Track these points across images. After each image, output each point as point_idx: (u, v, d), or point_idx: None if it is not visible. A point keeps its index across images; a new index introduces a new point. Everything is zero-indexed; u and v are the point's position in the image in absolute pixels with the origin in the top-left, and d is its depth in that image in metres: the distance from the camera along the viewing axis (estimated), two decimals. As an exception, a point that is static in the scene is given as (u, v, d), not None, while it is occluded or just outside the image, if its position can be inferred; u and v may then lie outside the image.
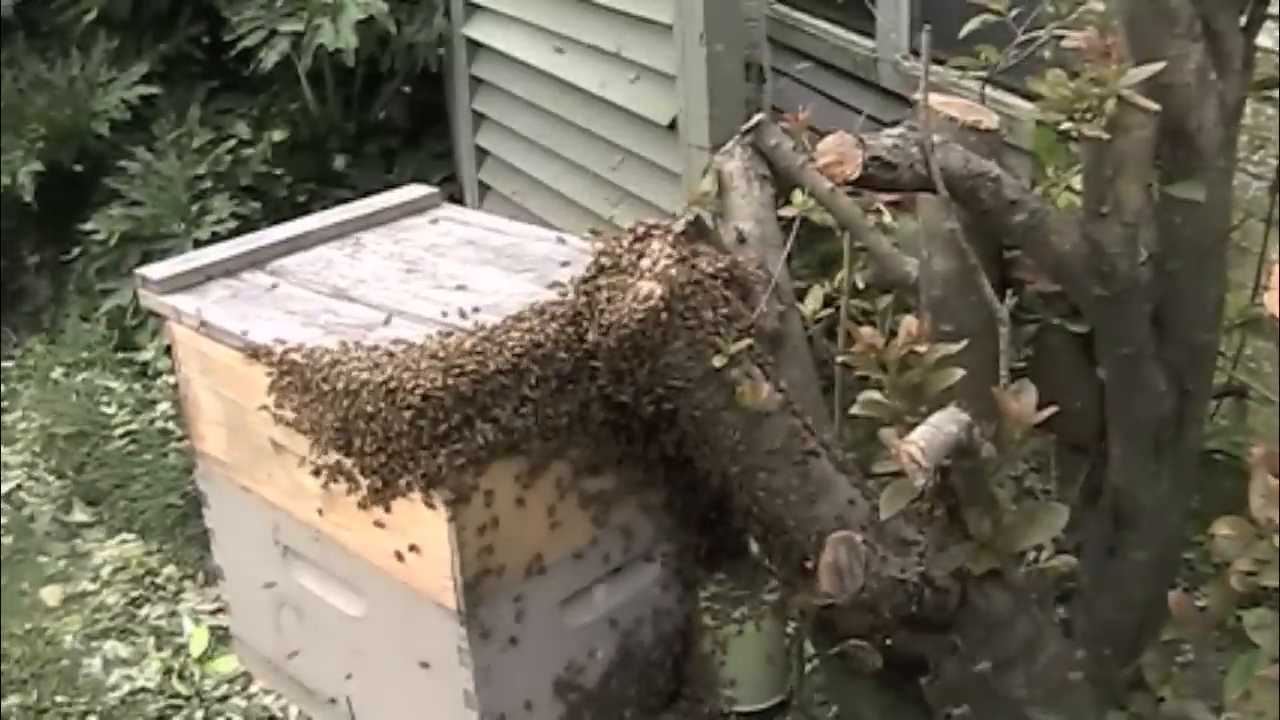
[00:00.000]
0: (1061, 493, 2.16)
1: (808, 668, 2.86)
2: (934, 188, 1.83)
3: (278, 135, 4.92)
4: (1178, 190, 1.89)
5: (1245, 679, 1.72)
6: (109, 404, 4.69)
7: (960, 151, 1.85)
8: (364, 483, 1.94)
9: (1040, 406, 1.81)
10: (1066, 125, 1.80)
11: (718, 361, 1.82)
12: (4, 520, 4.34)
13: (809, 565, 1.92)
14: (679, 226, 1.89)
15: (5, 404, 5.11)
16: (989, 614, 1.92)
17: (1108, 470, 2.07)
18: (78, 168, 5.21)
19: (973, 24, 2.23)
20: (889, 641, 2.10)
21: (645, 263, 1.82)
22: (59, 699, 3.57)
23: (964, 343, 1.85)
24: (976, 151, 1.89)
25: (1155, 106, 1.77)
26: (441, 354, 1.84)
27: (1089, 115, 1.76)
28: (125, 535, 4.21)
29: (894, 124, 1.93)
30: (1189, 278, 1.96)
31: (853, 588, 1.78)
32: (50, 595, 4.00)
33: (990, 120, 2.01)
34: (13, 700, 3.58)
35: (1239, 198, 2.30)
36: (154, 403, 4.62)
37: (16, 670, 3.69)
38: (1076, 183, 2.07)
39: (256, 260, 2.32)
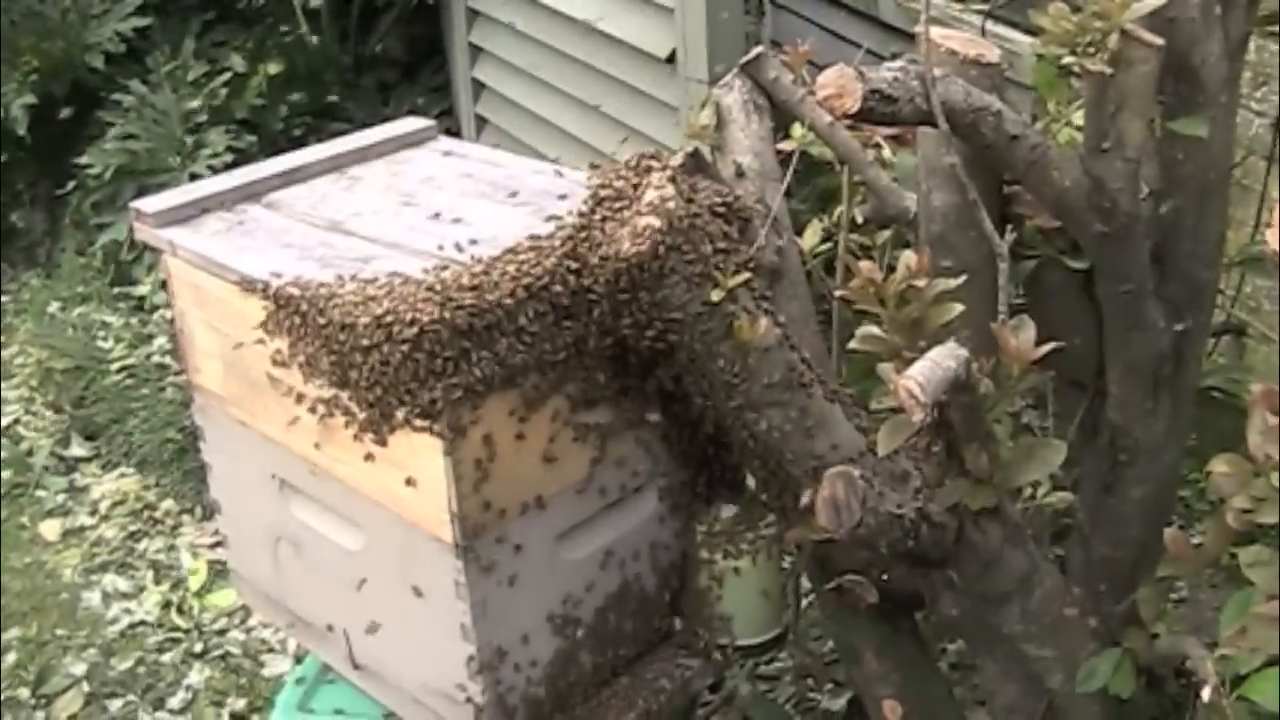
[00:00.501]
0: (1059, 429, 2.16)
1: (804, 603, 2.88)
2: (934, 122, 1.82)
3: (273, 68, 4.90)
4: (1180, 126, 1.88)
5: (1240, 615, 1.73)
6: (105, 339, 4.70)
7: (961, 85, 1.84)
8: (360, 416, 1.94)
9: (1039, 343, 1.81)
10: (1069, 60, 1.79)
11: (715, 295, 1.82)
12: (2, 455, 4.35)
13: (806, 500, 1.92)
14: (677, 160, 1.88)
15: (2, 339, 5.12)
16: (985, 549, 1.93)
17: (1105, 407, 2.07)
18: (71, 101, 5.19)
19: (975, -44, 2.21)
20: (885, 577, 2.11)
21: (643, 196, 1.81)
22: (59, 632, 3.60)
23: (963, 278, 1.84)
24: (978, 86, 1.88)
25: (1159, 41, 1.76)
26: (438, 287, 1.83)
27: (1091, 50, 1.75)
28: (123, 470, 4.23)
29: (894, 58, 1.91)
30: (1190, 214, 1.96)
31: (850, 523, 1.79)
32: (49, 529, 4.03)
33: (992, 54, 1.99)
34: (13, 633, 3.60)
35: (1241, 135, 2.29)
36: (150, 337, 4.63)
37: (16, 604, 3.72)
38: (1078, 118, 2.06)
39: (252, 193, 2.30)
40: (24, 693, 3.40)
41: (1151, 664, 1.98)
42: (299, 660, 2.93)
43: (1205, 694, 1.73)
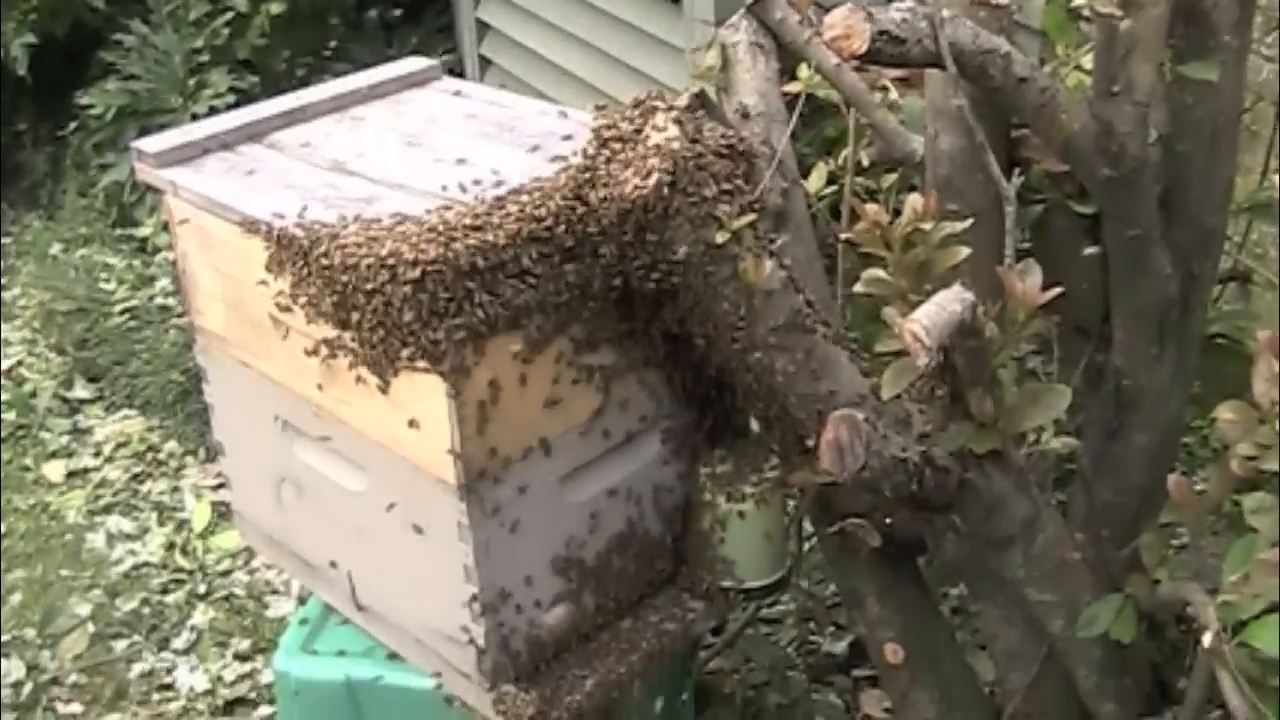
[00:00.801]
0: (1063, 375, 2.15)
1: (806, 546, 2.89)
2: (942, 64, 1.80)
3: (275, 8, 4.85)
4: (1191, 70, 1.87)
5: (1243, 562, 1.73)
6: (108, 280, 4.69)
7: (970, 27, 1.82)
8: (363, 358, 1.93)
9: (1045, 288, 1.80)
10: (1079, 2, 1.77)
11: (720, 237, 1.81)
12: (6, 396, 4.35)
13: (810, 443, 1.92)
14: (682, 101, 1.86)
15: (4, 280, 5.11)
16: (988, 494, 1.93)
17: (1110, 353, 2.06)
18: (72, 41, 5.16)
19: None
20: (888, 521, 2.11)
21: (648, 137, 1.80)
22: (63, 573, 3.61)
23: (969, 222, 1.83)
24: (986, 28, 1.86)
25: (1170, -17, 1.74)
26: (441, 228, 1.82)
27: (1102, -8, 1.73)
28: (126, 411, 4.23)
29: (902, -2, 1.89)
30: (1199, 160, 1.94)
31: (853, 466, 1.78)
32: (53, 471, 4.03)
33: (1001, -5, 1.97)
34: (18, 574, 3.62)
35: (1250, 80, 2.27)
36: (153, 279, 4.62)
37: (21, 545, 3.73)
38: (1086, 62, 2.04)
39: (254, 133, 2.29)
40: (30, 633, 3.41)
41: (1153, 610, 1.98)
42: (303, 602, 2.94)
43: (1206, 640, 1.73)
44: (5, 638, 3.40)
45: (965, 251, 1.78)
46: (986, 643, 2.23)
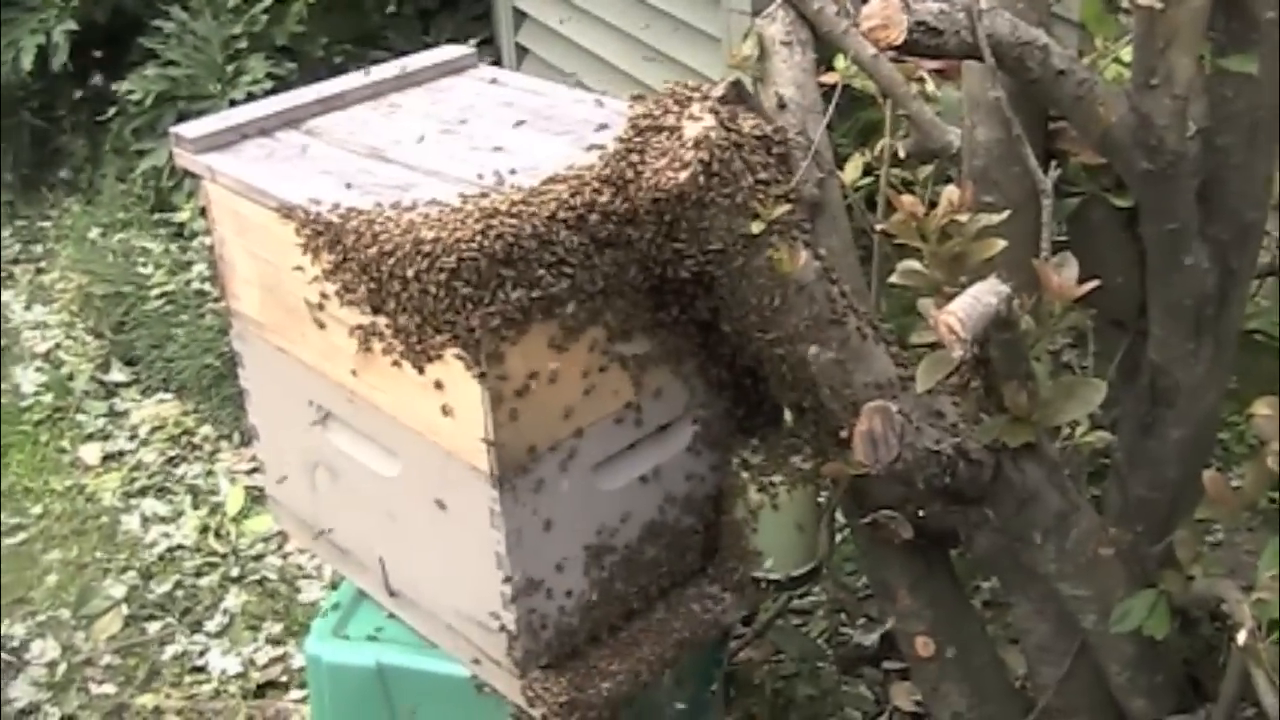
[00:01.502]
0: (1099, 369, 2.14)
1: (838, 537, 2.88)
2: (980, 55, 1.79)
3: (313, -5, 4.87)
4: (1231, 63, 1.85)
5: (1278, 559, 1.72)
6: (145, 264, 4.72)
7: (1008, 18, 1.81)
8: (398, 344, 1.94)
9: (1081, 281, 1.79)
10: (1119, -7, 1.76)
11: (756, 227, 1.81)
12: (44, 379, 4.39)
13: (843, 434, 1.92)
14: (719, 90, 1.86)
15: (43, 264, 5.15)
16: (1022, 488, 1.92)
17: (1146, 347, 2.05)
18: (112, 27, 5.19)
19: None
20: (921, 513, 2.10)
21: (685, 126, 1.80)
22: (99, 554, 3.64)
23: (1006, 213, 1.83)
24: (1024, 19, 1.85)
25: (1210, -25, 1.73)
26: (477, 215, 1.82)
27: (1142, -17, 1.72)
28: (162, 395, 4.27)
29: (940, -11, 1.89)
30: (1239, 153, 1.93)
31: (887, 458, 1.78)
32: (89, 453, 4.07)
33: (1040, -14, 1.96)
34: (54, 555, 3.65)
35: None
36: (190, 264, 4.65)
37: (57, 526, 3.76)
38: (1124, 54, 2.03)
39: (292, 119, 2.30)
40: (65, 614, 3.44)
41: (1187, 606, 1.97)
42: (334, 586, 2.95)
43: (1240, 637, 1.72)
44: (40, 618, 3.44)
45: (1001, 244, 1.77)
46: (1018, 636, 2.22)
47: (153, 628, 3.38)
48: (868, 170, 2.35)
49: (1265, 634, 1.70)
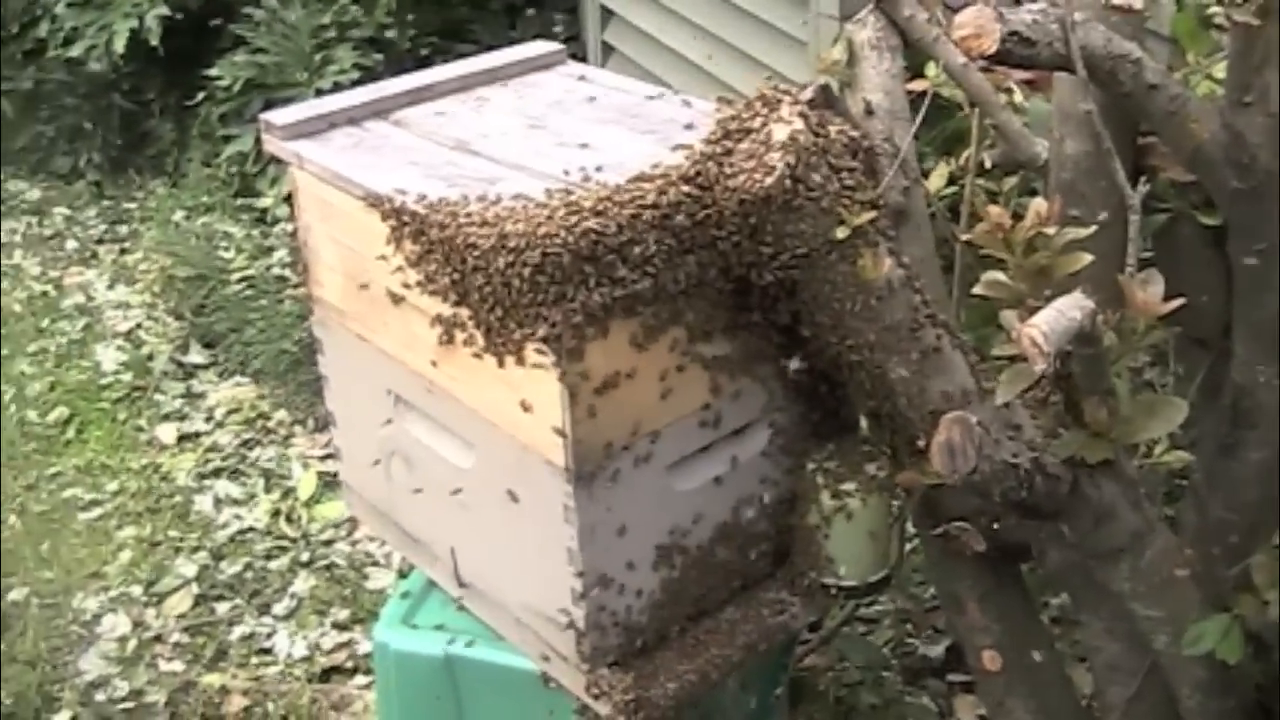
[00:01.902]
0: (1180, 388, 2.12)
1: (907, 547, 2.87)
2: (1072, 67, 1.78)
3: (402, -13, 4.91)
4: (1327, 82, 1.83)
5: (1357, 586, 1.70)
6: (227, 249, 4.78)
7: (1102, 31, 1.80)
8: (479, 337, 1.95)
9: (1166, 298, 1.78)
10: (1214, 9, 1.75)
11: (841, 233, 1.80)
12: (124, 358, 4.45)
13: (920, 443, 1.91)
14: (807, 94, 1.86)
15: (128, 244, 5.22)
16: (1099, 504, 1.91)
17: (1229, 367, 2.03)
18: (204, 14, 5.26)
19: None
20: (995, 526, 2.09)
21: (772, 129, 1.80)
22: (171, 533, 3.69)
23: (1093, 228, 1.81)
24: (1118, 32, 1.84)
25: (1311, -8, 1.71)
26: (563, 211, 1.83)
27: (1239, 0, 1.71)
28: (239, 378, 4.32)
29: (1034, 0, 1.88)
30: (1331, 174, 1.90)
31: (964, 469, 1.77)
32: (166, 433, 4.12)
33: (1136, 0, 1.95)
34: (128, 532, 3.70)
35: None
36: (271, 249, 4.70)
37: (132, 504, 3.81)
38: (1218, 71, 2.01)
39: (380, 110, 2.32)
40: (136, 590, 3.49)
41: (1261, 631, 1.95)
42: (403, 575, 2.98)
43: (1316, 664, 1.70)
44: (113, 593, 3.48)
45: (1087, 258, 1.76)
46: (1087, 654, 2.20)
47: (222, 608, 3.42)
48: (952, 179, 2.34)
49: (1342, 662, 1.68)
